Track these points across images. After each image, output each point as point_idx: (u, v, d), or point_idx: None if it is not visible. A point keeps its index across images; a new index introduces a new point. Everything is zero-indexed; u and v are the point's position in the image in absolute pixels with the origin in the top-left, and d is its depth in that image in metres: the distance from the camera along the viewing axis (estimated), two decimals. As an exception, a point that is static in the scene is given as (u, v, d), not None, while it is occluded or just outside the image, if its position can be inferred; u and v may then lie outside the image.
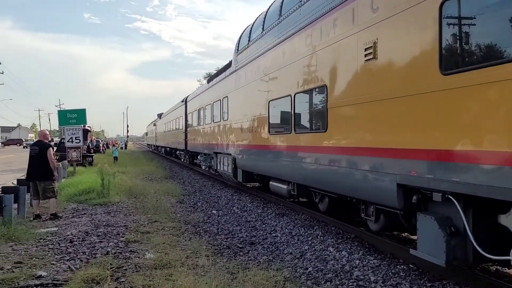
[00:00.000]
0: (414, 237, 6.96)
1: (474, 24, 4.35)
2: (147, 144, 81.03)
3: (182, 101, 26.84)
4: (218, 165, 15.45)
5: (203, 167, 20.05)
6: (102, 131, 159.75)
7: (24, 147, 71.18)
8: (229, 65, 15.01)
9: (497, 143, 3.95)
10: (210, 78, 19.19)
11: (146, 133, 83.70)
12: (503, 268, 5.58)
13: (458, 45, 4.53)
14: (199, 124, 19.92)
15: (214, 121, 16.47)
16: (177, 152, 31.38)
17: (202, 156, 19.64)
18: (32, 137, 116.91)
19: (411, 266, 5.76)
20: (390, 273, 5.54)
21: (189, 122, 23.39)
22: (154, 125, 53.49)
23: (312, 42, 7.88)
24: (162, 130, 42.15)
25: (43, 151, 9.47)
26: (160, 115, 46.47)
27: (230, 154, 13.73)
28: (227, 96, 14.52)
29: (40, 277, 5.32)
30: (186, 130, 24.24)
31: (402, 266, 5.76)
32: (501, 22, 3.99)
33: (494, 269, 5.69)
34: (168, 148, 39.01)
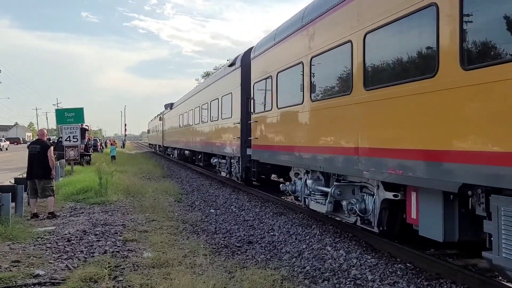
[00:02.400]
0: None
1: None
2: (149, 144, 68.33)
3: (232, 65, 14.10)
4: None
5: (323, 210, 7.79)
6: (100, 130, 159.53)
7: None
8: None
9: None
10: None
11: (148, 131, 67.74)
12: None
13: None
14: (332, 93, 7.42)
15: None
16: (214, 160, 16.87)
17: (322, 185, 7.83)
18: (29, 135, 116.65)
19: (408, 265, 5.78)
20: (388, 272, 5.56)
21: (259, 103, 11.04)
22: (161, 119, 39.86)
23: None
24: (176, 124, 28.46)
25: (44, 149, 9.51)
26: (170, 105, 33.26)
27: None
28: None
29: (37, 276, 5.32)
30: (247, 118, 11.98)
31: (399, 265, 5.78)
32: None
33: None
34: (186, 151, 25.39)
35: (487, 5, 4.25)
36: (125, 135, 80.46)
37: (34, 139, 11.23)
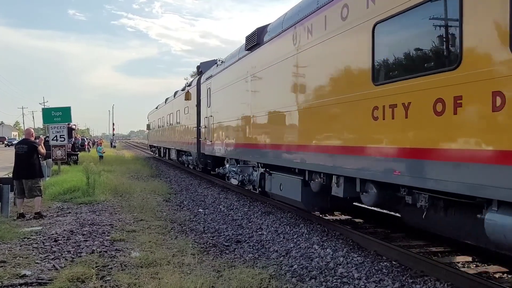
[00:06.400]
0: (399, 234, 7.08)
1: None
2: (150, 146, 43.82)
3: None
4: None
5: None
6: (87, 129, 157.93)
7: None
8: None
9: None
10: None
11: (148, 126, 42.06)
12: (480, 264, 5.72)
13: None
14: None
15: None
16: None
17: None
18: (15, 135, 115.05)
19: (394, 263, 5.87)
20: (374, 269, 5.64)
21: None
22: (188, 97, 18.05)
23: None
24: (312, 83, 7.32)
25: (31, 149, 9.43)
26: (254, 40, 9.99)
27: None
28: None
29: (24, 276, 5.29)
30: None
31: (385, 263, 5.87)
32: None
33: (474, 265, 5.84)
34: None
35: None
36: (113, 134, 79.65)
37: (20, 139, 11.11)
